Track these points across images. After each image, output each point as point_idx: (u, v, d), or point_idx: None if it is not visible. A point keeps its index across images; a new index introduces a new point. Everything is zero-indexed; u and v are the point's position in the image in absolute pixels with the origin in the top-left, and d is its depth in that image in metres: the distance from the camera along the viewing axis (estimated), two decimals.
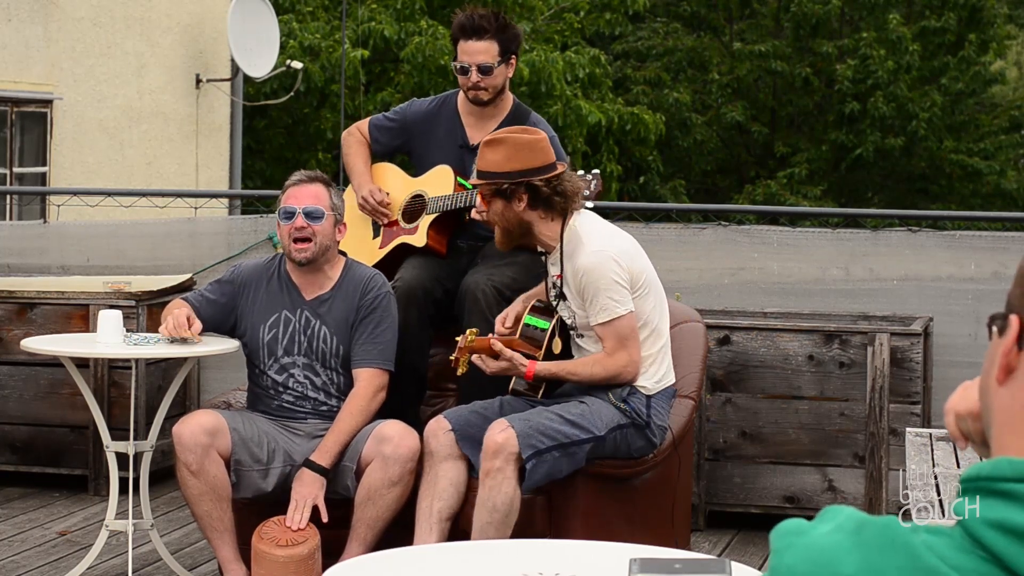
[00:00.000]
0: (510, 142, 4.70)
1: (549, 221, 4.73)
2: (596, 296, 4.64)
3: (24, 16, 12.35)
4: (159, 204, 8.68)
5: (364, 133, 5.59)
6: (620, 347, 4.68)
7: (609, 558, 3.46)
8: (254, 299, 5.08)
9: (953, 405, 1.52)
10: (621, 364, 4.70)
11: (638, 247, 4.81)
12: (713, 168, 23.25)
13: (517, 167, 4.67)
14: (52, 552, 5.94)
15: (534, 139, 4.73)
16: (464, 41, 5.38)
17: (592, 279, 4.64)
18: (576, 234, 4.71)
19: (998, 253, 6.75)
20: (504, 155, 4.68)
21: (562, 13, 19.02)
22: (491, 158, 4.70)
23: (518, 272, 5.26)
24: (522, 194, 4.68)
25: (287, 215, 4.97)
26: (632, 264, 4.70)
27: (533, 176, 4.66)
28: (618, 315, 4.65)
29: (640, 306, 4.73)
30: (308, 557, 4.71)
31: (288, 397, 5.03)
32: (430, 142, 5.47)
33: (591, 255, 4.65)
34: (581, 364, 4.74)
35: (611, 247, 4.68)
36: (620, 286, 4.64)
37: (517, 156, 4.68)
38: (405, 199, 5.49)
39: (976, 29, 21.99)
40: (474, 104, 5.40)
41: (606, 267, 4.64)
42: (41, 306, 6.84)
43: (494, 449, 4.59)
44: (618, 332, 4.67)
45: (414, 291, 5.21)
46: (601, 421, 4.70)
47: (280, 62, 14.87)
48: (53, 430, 6.89)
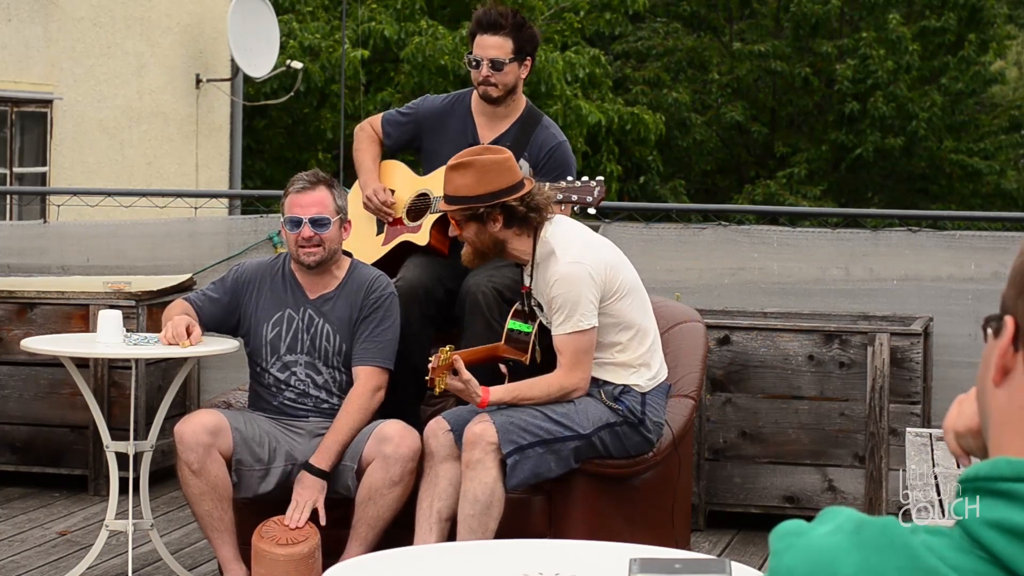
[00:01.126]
0: (478, 164, 4.65)
1: (523, 236, 4.71)
2: (562, 307, 4.62)
3: (24, 16, 12.35)
4: (159, 204, 8.68)
5: (376, 129, 5.59)
6: (576, 363, 4.66)
7: (609, 558, 3.46)
8: (257, 297, 5.08)
9: (951, 424, 1.52)
10: (576, 381, 4.68)
11: (616, 252, 4.78)
12: (713, 168, 23.24)
13: (489, 189, 4.63)
14: (52, 552, 5.94)
15: (501, 158, 4.68)
16: (480, 35, 5.38)
17: (562, 289, 4.61)
18: (548, 244, 4.68)
19: (998, 253, 6.75)
20: (474, 178, 4.63)
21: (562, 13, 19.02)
22: (460, 182, 4.65)
23: (519, 274, 5.26)
24: (497, 215, 4.65)
25: (293, 224, 4.97)
26: (608, 275, 4.68)
27: (506, 196, 4.63)
28: (581, 329, 4.63)
29: (618, 309, 4.70)
30: (308, 556, 4.72)
31: (290, 395, 5.03)
32: (441, 138, 5.47)
33: (567, 266, 4.62)
34: (536, 387, 4.70)
35: (587, 259, 4.65)
36: (589, 302, 4.62)
37: (486, 178, 4.63)
38: (410, 197, 5.49)
39: (976, 29, 21.99)
40: (484, 100, 5.39)
41: (580, 281, 4.61)
42: (41, 306, 6.84)
43: (472, 440, 4.60)
44: (578, 346, 4.65)
45: (415, 290, 5.21)
46: (587, 419, 4.69)
47: (280, 62, 14.87)
48: (53, 430, 6.89)
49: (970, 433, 1.48)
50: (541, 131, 5.39)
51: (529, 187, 4.68)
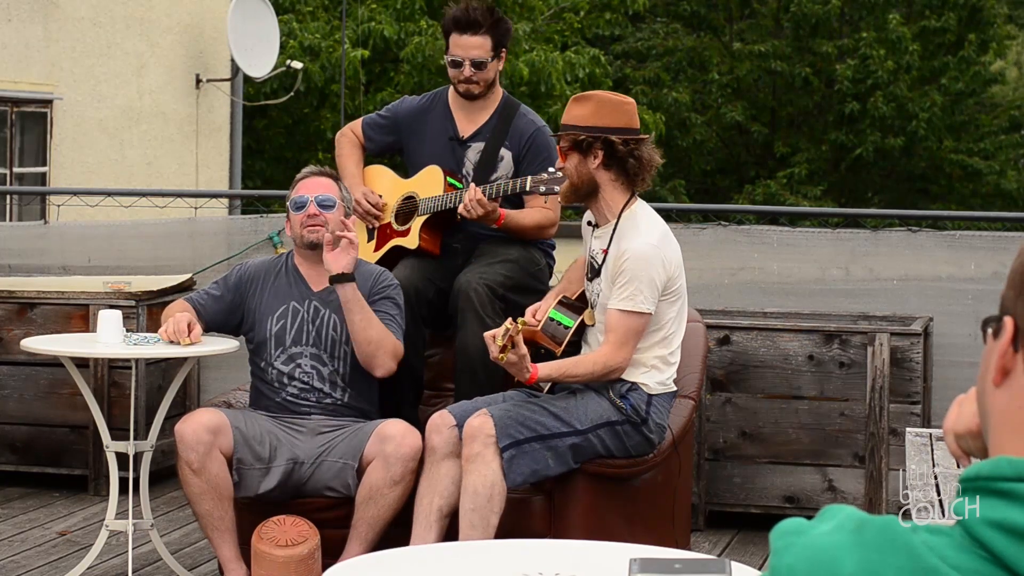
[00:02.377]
0: (596, 99, 4.72)
1: (618, 189, 4.71)
2: (629, 283, 4.61)
3: (24, 16, 12.35)
4: (159, 204, 8.68)
5: (357, 134, 5.61)
6: (625, 342, 4.65)
7: (609, 558, 3.46)
8: (261, 293, 5.11)
9: (951, 426, 1.52)
10: (620, 360, 4.67)
11: (680, 257, 4.80)
12: (713, 168, 23.25)
13: (600, 124, 4.67)
14: (52, 552, 5.94)
15: (621, 100, 4.75)
16: (458, 35, 5.37)
17: (635, 266, 4.61)
18: (635, 217, 4.70)
19: (998, 253, 6.75)
20: (589, 110, 4.68)
21: (562, 13, 19.02)
22: (576, 112, 4.71)
23: (511, 270, 5.27)
24: (598, 150, 4.67)
25: (299, 205, 5.04)
26: (674, 273, 4.70)
27: (613, 135, 4.66)
28: (639, 310, 4.62)
29: (665, 311, 4.71)
30: (308, 557, 4.71)
31: (293, 389, 5.04)
32: (422, 137, 5.48)
33: (646, 245, 4.62)
34: (581, 364, 4.69)
35: (666, 248, 4.67)
36: (655, 287, 4.63)
37: (600, 112, 4.68)
38: (397, 201, 5.50)
39: (976, 29, 22.00)
40: (465, 98, 5.41)
41: (653, 264, 4.62)
42: (41, 306, 6.84)
43: (472, 434, 4.60)
44: (630, 326, 4.64)
45: (406, 292, 5.22)
46: (586, 416, 4.68)
47: (280, 62, 14.88)
48: (53, 430, 6.89)
49: (970, 434, 1.48)
50: (519, 119, 5.42)
51: (642, 137, 4.71)
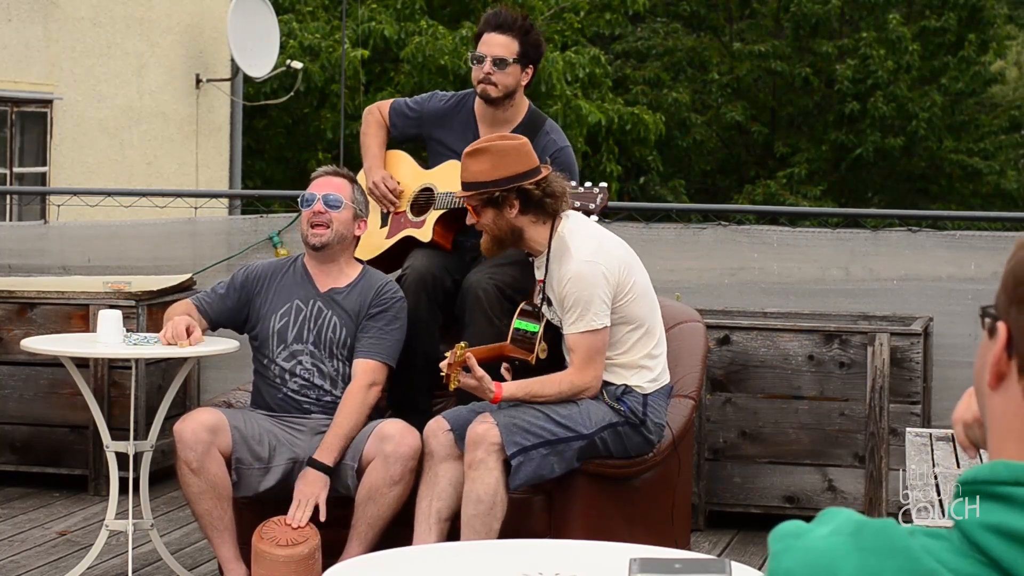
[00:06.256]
0: (493, 149, 4.67)
1: (539, 225, 4.71)
2: (575, 306, 4.62)
3: (24, 16, 12.35)
4: (159, 204, 8.68)
5: (384, 115, 5.58)
6: (588, 363, 4.65)
7: (609, 558, 3.46)
8: (267, 292, 5.13)
9: (960, 415, 1.52)
10: (587, 380, 4.68)
11: (629, 252, 4.78)
12: (713, 168, 23.24)
13: (505, 174, 4.65)
14: (52, 552, 5.94)
15: (517, 144, 4.71)
16: (487, 33, 5.40)
17: (576, 288, 4.61)
18: (564, 240, 4.69)
19: (998, 253, 6.75)
20: (490, 163, 4.65)
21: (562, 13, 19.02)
22: (476, 168, 4.67)
23: (520, 271, 5.25)
24: (513, 200, 4.66)
25: (307, 201, 5.07)
26: (622, 275, 4.68)
27: (522, 181, 4.64)
28: (593, 328, 4.63)
29: (631, 311, 4.71)
30: (308, 557, 4.72)
31: (294, 385, 5.04)
32: (443, 139, 5.47)
33: (581, 264, 4.62)
34: (548, 384, 4.69)
35: (602, 259, 4.65)
36: (602, 301, 4.62)
37: (504, 162, 4.65)
38: (415, 190, 5.49)
39: (976, 29, 21.98)
40: (482, 99, 5.38)
41: (594, 280, 4.61)
42: (41, 306, 6.84)
43: (475, 440, 4.60)
44: (590, 346, 4.64)
45: (424, 277, 5.21)
46: (590, 420, 4.69)
47: (280, 62, 14.87)
48: (53, 430, 6.89)
49: (977, 422, 1.49)
50: (543, 136, 5.38)
51: (546, 173, 4.70)
